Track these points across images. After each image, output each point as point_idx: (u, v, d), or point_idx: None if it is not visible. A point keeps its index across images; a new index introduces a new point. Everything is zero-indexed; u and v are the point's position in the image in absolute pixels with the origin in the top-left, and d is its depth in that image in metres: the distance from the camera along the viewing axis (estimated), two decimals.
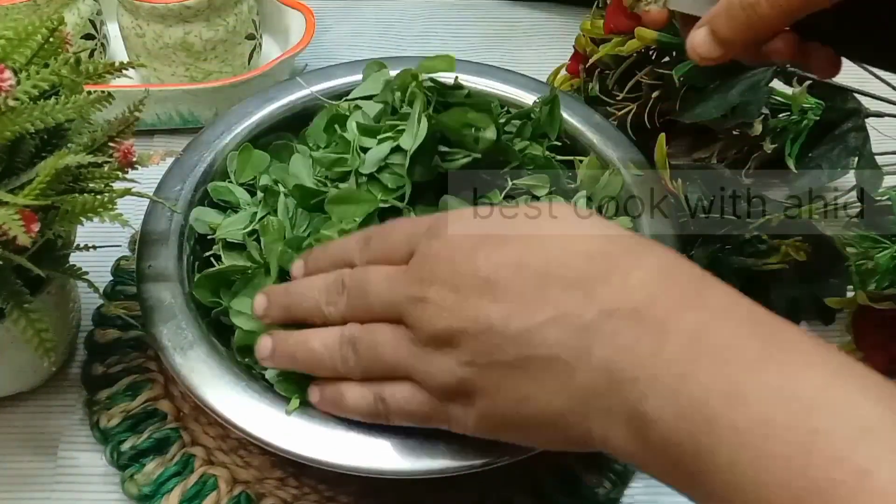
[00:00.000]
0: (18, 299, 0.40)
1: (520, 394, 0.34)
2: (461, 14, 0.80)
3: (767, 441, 0.28)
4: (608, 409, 0.32)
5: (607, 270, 0.33)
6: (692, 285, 0.33)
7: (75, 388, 0.51)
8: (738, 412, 0.28)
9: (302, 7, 0.71)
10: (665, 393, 0.30)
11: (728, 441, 0.28)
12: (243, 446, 0.48)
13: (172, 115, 0.67)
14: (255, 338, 0.44)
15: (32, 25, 0.40)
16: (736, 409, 0.29)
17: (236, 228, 0.49)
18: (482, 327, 0.34)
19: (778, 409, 0.28)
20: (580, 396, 0.33)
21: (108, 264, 0.56)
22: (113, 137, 0.42)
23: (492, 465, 0.39)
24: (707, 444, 0.29)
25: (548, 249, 0.35)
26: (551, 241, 0.35)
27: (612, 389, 0.32)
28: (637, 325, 0.32)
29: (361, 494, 0.46)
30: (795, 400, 0.28)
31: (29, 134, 0.38)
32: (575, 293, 0.33)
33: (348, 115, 0.52)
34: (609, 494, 0.47)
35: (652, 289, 0.33)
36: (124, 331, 0.52)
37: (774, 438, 0.27)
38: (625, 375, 0.32)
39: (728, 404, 0.29)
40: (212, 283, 0.46)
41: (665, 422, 0.30)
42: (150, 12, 0.63)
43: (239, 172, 0.52)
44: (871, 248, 0.50)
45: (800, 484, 0.26)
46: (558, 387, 0.33)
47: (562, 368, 0.33)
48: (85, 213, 0.39)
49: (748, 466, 0.28)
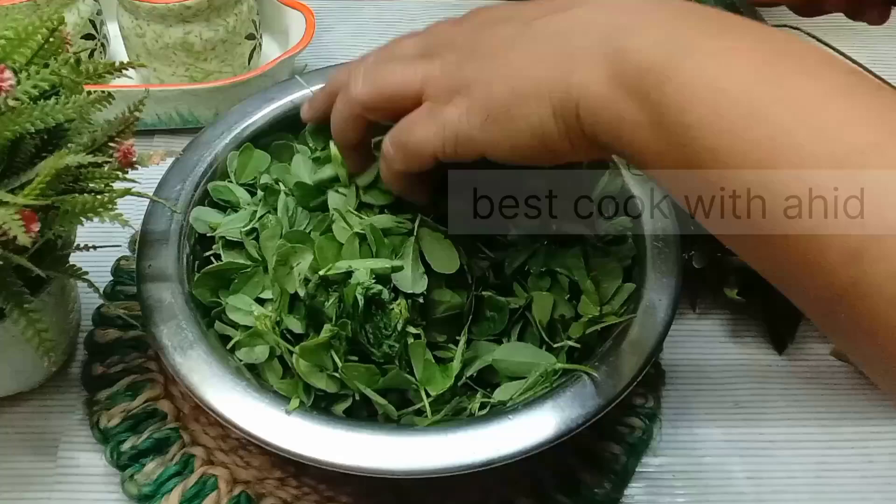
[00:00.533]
0: (18, 299, 0.40)
1: (512, 67, 0.37)
2: (461, 14, 0.80)
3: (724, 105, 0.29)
4: (588, 49, 0.34)
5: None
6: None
7: (75, 388, 0.51)
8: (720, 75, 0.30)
9: (302, 7, 0.71)
10: (652, 36, 0.32)
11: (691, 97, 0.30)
12: (243, 446, 0.48)
13: (172, 115, 0.67)
14: (253, 336, 0.44)
15: (32, 25, 0.40)
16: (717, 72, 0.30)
17: (236, 227, 0.49)
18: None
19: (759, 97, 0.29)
20: (567, 52, 0.35)
21: (108, 264, 0.56)
22: (113, 137, 0.42)
23: (492, 465, 0.39)
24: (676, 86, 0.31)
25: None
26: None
27: (596, 35, 0.34)
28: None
29: (361, 494, 0.46)
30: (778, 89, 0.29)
31: (29, 134, 0.38)
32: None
33: None
34: (609, 494, 0.47)
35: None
36: (124, 331, 0.52)
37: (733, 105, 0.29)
38: (619, 33, 0.33)
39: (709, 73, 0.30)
40: (212, 281, 0.47)
41: (642, 52, 0.32)
42: (150, 12, 0.63)
43: (239, 172, 0.52)
44: None
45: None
46: (549, 50, 0.35)
47: (558, 41, 0.35)
48: (85, 213, 0.39)
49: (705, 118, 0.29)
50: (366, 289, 0.42)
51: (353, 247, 0.45)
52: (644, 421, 0.50)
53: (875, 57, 0.75)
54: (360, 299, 0.42)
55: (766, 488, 0.49)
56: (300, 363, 0.42)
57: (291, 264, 0.46)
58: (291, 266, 0.46)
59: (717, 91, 0.29)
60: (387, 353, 0.42)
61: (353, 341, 0.43)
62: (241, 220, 0.49)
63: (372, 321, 0.42)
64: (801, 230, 0.27)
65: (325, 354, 0.43)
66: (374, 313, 0.42)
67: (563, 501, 0.47)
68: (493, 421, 0.41)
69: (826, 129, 0.27)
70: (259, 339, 0.45)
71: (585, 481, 0.47)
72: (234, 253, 0.48)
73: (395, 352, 0.43)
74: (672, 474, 0.50)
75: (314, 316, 0.44)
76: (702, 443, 0.51)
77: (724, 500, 0.49)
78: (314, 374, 0.42)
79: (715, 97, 0.29)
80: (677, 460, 0.50)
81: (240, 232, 0.48)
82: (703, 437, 0.51)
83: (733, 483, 0.49)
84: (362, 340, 0.42)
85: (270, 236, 0.47)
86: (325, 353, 0.43)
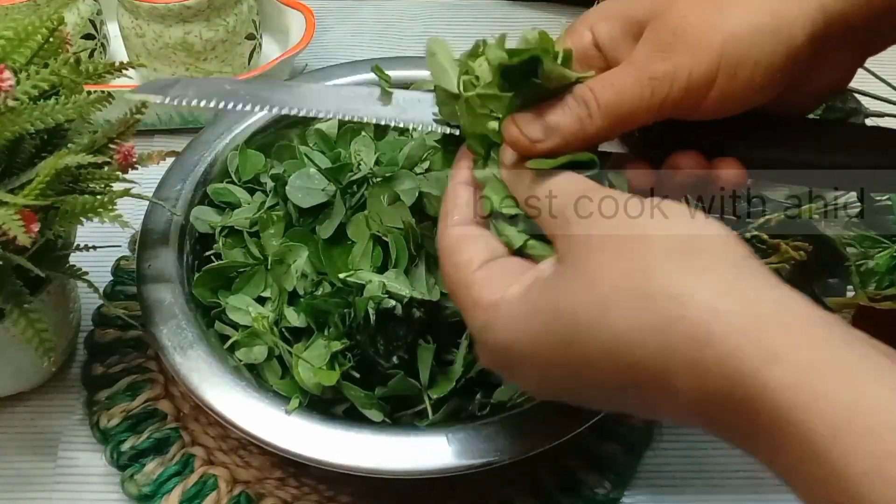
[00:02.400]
0: (18, 299, 0.40)
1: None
2: (461, 14, 0.80)
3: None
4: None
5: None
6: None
7: (75, 388, 0.51)
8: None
9: (302, 7, 0.71)
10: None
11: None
12: (243, 446, 0.48)
13: (172, 115, 0.67)
14: (252, 336, 0.44)
15: (32, 25, 0.40)
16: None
17: (244, 217, 0.49)
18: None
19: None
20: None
21: (108, 264, 0.56)
22: (113, 139, 0.42)
23: (492, 465, 0.39)
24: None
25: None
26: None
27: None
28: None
29: (361, 494, 0.46)
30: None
31: (29, 134, 0.38)
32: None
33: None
34: (609, 495, 0.47)
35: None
36: (124, 331, 0.52)
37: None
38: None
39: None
40: (212, 280, 0.47)
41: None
42: (150, 12, 0.63)
43: (240, 171, 0.52)
44: (871, 248, 0.51)
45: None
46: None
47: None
48: (85, 213, 0.39)
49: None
50: (377, 302, 0.42)
51: (365, 248, 0.45)
52: (644, 421, 0.50)
53: (874, 57, 0.75)
54: (371, 314, 0.42)
55: (766, 488, 0.49)
56: (299, 368, 0.42)
57: (288, 262, 0.46)
58: (289, 264, 0.46)
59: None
60: (395, 364, 0.43)
61: (360, 351, 0.43)
62: (249, 210, 0.49)
63: (383, 332, 0.42)
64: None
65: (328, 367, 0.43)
66: (386, 325, 0.42)
67: (563, 501, 0.47)
68: (493, 421, 0.41)
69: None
70: (257, 339, 0.45)
71: (585, 481, 0.47)
72: (234, 252, 0.48)
73: (403, 363, 0.43)
74: (672, 474, 0.50)
75: (315, 313, 0.44)
76: (702, 443, 0.51)
77: (724, 500, 0.49)
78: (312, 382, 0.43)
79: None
80: (677, 460, 0.50)
81: (247, 222, 0.48)
82: (703, 437, 0.51)
83: (733, 483, 0.49)
84: (371, 353, 0.43)
85: (272, 234, 0.47)
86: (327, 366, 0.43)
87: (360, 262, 0.45)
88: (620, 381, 0.30)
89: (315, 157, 0.50)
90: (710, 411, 0.28)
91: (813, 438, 0.25)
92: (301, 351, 0.43)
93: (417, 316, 0.43)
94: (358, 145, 0.51)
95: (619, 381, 0.30)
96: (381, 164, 0.50)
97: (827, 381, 0.26)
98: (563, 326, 0.31)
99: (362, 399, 0.42)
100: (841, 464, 0.25)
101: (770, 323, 0.27)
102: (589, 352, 0.30)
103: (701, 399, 0.28)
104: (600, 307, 0.30)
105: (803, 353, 0.26)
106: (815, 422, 0.25)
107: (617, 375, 0.30)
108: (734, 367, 0.27)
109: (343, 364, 0.43)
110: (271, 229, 0.48)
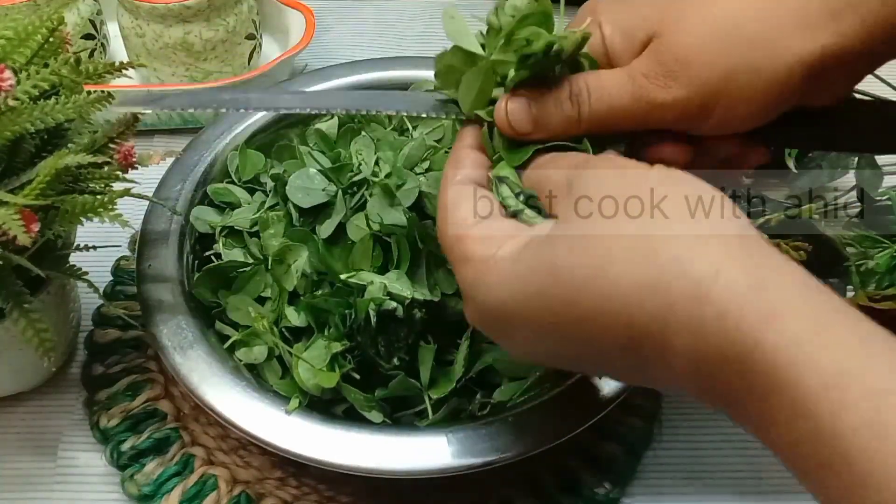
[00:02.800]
0: (18, 299, 0.40)
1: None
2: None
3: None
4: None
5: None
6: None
7: (75, 388, 0.51)
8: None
9: (302, 7, 0.71)
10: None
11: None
12: (243, 446, 0.48)
13: (172, 115, 0.67)
14: (251, 336, 0.44)
15: (32, 25, 0.40)
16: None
17: (245, 217, 0.49)
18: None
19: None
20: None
21: (108, 264, 0.56)
22: (113, 139, 0.42)
23: (492, 465, 0.39)
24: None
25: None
26: None
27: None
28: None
29: (361, 494, 0.46)
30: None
31: (29, 134, 0.38)
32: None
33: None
34: (609, 495, 0.47)
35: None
36: (124, 331, 0.52)
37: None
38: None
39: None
40: (213, 279, 0.47)
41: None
42: (150, 12, 0.63)
43: (240, 171, 0.52)
44: (871, 248, 0.51)
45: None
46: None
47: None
48: (85, 213, 0.39)
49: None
50: (378, 304, 0.42)
51: (366, 248, 0.45)
52: (644, 421, 0.50)
53: None
54: (372, 315, 0.42)
55: (767, 488, 0.49)
56: (299, 368, 0.42)
57: (288, 262, 0.46)
58: (289, 264, 0.46)
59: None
60: (395, 365, 0.43)
61: (361, 352, 0.43)
62: (249, 210, 0.49)
63: (384, 333, 0.42)
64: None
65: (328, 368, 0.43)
66: (387, 326, 0.42)
67: (563, 501, 0.46)
68: (493, 421, 0.41)
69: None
70: (257, 339, 0.45)
71: (585, 481, 0.47)
72: (234, 252, 0.48)
73: (404, 364, 0.43)
74: (672, 474, 0.50)
75: (315, 313, 0.44)
76: (702, 443, 0.51)
77: (724, 499, 0.49)
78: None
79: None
80: (677, 460, 0.50)
81: (248, 222, 0.48)
82: (703, 437, 0.51)
83: (733, 483, 0.49)
84: (372, 354, 0.43)
85: (272, 234, 0.47)
86: (327, 367, 0.43)
87: (360, 262, 0.45)
88: (618, 340, 0.30)
89: (315, 157, 0.50)
90: (705, 370, 0.28)
91: (805, 395, 0.26)
92: (301, 351, 0.43)
93: (419, 317, 0.43)
94: (358, 145, 0.51)
95: (616, 341, 0.30)
96: (383, 165, 0.50)
97: (823, 342, 0.26)
98: (560, 285, 0.30)
99: (362, 401, 0.42)
100: (832, 419, 0.25)
101: (770, 285, 0.28)
102: (586, 311, 0.30)
103: (698, 358, 0.28)
104: (599, 266, 0.30)
105: (801, 314, 0.27)
106: (809, 379, 0.26)
107: (614, 335, 0.30)
108: (733, 325, 0.27)
109: (343, 366, 0.43)
110: (271, 229, 0.48)
